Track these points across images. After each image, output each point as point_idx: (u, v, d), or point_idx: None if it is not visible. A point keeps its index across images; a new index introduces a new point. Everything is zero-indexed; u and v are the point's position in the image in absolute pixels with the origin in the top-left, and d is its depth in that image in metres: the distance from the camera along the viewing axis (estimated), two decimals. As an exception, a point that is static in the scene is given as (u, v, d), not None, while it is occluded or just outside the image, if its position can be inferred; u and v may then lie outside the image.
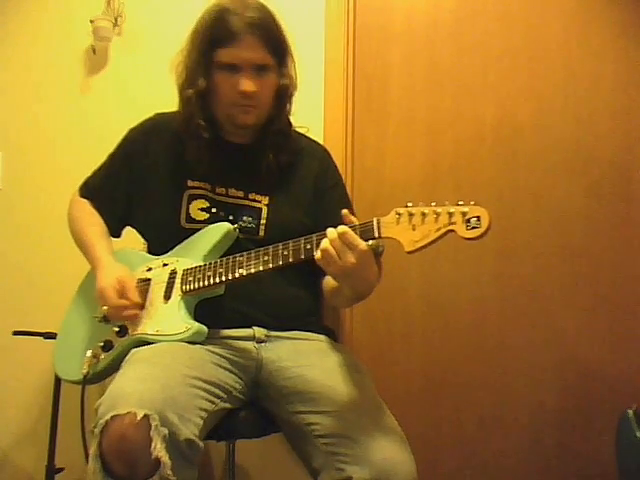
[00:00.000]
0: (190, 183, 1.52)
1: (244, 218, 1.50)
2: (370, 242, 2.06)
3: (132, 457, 1.10)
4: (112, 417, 1.11)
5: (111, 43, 2.15)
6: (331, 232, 1.21)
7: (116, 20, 2.12)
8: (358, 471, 1.19)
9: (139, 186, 1.56)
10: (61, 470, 1.89)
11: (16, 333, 1.92)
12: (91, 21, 2.09)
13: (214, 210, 1.50)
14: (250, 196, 1.53)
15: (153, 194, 1.54)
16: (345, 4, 2.07)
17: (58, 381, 1.88)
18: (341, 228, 1.20)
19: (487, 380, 2.03)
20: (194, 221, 1.49)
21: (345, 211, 1.24)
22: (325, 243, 1.21)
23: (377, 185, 2.09)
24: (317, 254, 1.22)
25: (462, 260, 2.03)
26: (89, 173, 1.67)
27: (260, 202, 1.52)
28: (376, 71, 2.11)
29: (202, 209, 1.50)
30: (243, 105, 1.45)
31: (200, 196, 1.51)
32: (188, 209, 1.50)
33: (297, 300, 1.53)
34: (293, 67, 1.52)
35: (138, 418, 1.09)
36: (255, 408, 1.45)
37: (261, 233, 1.50)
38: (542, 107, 2.04)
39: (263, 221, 1.51)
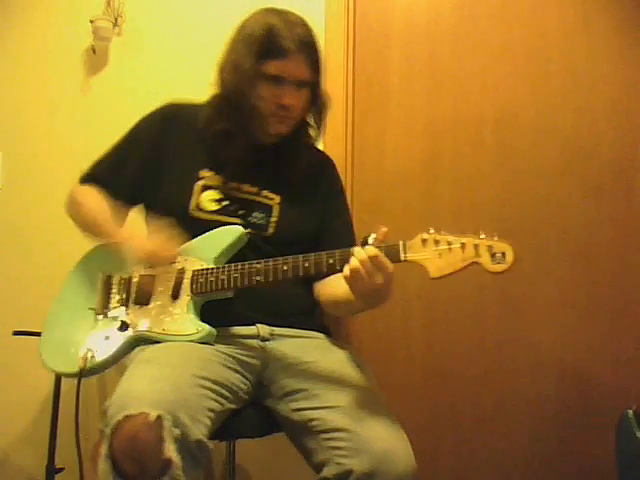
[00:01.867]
0: (203, 173, 1.52)
1: (254, 214, 1.51)
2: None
3: (143, 457, 1.10)
4: (124, 417, 1.11)
5: (111, 43, 2.15)
6: (360, 252, 1.22)
7: (116, 20, 2.12)
8: (358, 463, 1.20)
9: (151, 171, 1.55)
10: (61, 470, 1.89)
11: (16, 333, 1.92)
12: (91, 21, 2.09)
13: (225, 203, 1.50)
14: (263, 193, 1.54)
15: (165, 180, 1.53)
16: (345, 4, 2.07)
17: (58, 381, 1.88)
18: (371, 250, 1.22)
19: (487, 380, 2.02)
20: (203, 210, 1.49)
21: (384, 229, 1.26)
22: (355, 262, 1.22)
23: (377, 185, 2.09)
24: (346, 272, 1.23)
25: (462, 260, 2.02)
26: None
27: (272, 200, 1.54)
28: (376, 71, 2.11)
29: (213, 200, 1.51)
30: (280, 116, 1.49)
31: (213, 187, 1.51)
32: (199, 198, 1.50)
33: (297, 298, 1.53)
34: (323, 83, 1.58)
35: (151, 419, 1.10)
36: (256, 408, 1.45)
37: (270, 230, 1.51)
38: (542, 107, 2.04)
39: (274, 219, 1.52)
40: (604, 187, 2.01)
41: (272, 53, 1.45)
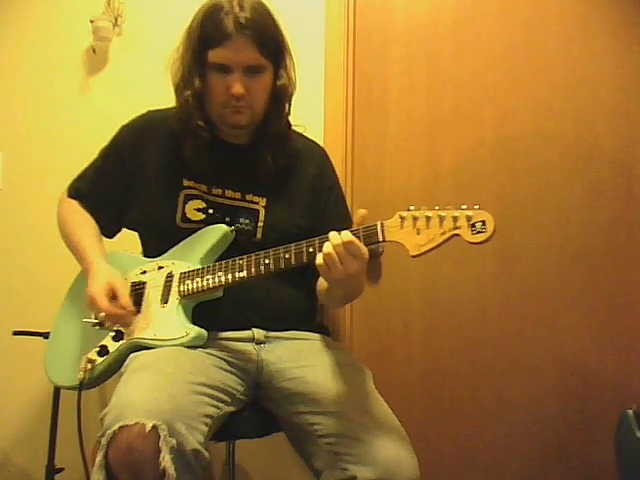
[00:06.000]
0: (186, 182, 1.50)
1: (241, 220, 1.49)
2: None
3: (139, 468, 1.09)
4: (120, 428, 1.10)
5: (111, 43, 2.15)
6: (335, 237, 1.20)
7: (116, 20, 2.12)
8: (362, 470, 1.20)
9: (133, 185, 1.54)
10: (61, 470, 1.89)
11: (16, 333, 1.92)
12: (91, 21, 2.09)
13: (210, 211, 1.48)
14: (247, 197, 1.51)
15: (148, 193, 1.52)
16: (345, 4, 2.07)
17: (58, 381, 1.88)
18: (346, 236, 1.19)
19: (487, 380, 2.03)
20: (190, 221, 1.48)
21: (362, 211, 1.23)
22: (328, 248, 1.20)
23: (377, 185, 2.09)
24: (318, 259, 1.21)
25: (462, 260, 2.02)
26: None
27: (257, 204, 1.51)
28: (376, 71, 2.11)
29: (198, 209, 1.49)
30: (234, 106, 1.43)
31: (196, 196, 1.49)
32: (184, 209, 1.48)
33: (293, 301, 1.52)
34: (292, 67, 1.50)
35: (147, 429, 1.09)
36: (255, 408, 1.45)
37: (258, 235, 1.49)
38: (542, 107, 2.04)
39: (260, 223, 1.49)
40: (604, 187, 2.01)
41: (212, 41, 1.39)
